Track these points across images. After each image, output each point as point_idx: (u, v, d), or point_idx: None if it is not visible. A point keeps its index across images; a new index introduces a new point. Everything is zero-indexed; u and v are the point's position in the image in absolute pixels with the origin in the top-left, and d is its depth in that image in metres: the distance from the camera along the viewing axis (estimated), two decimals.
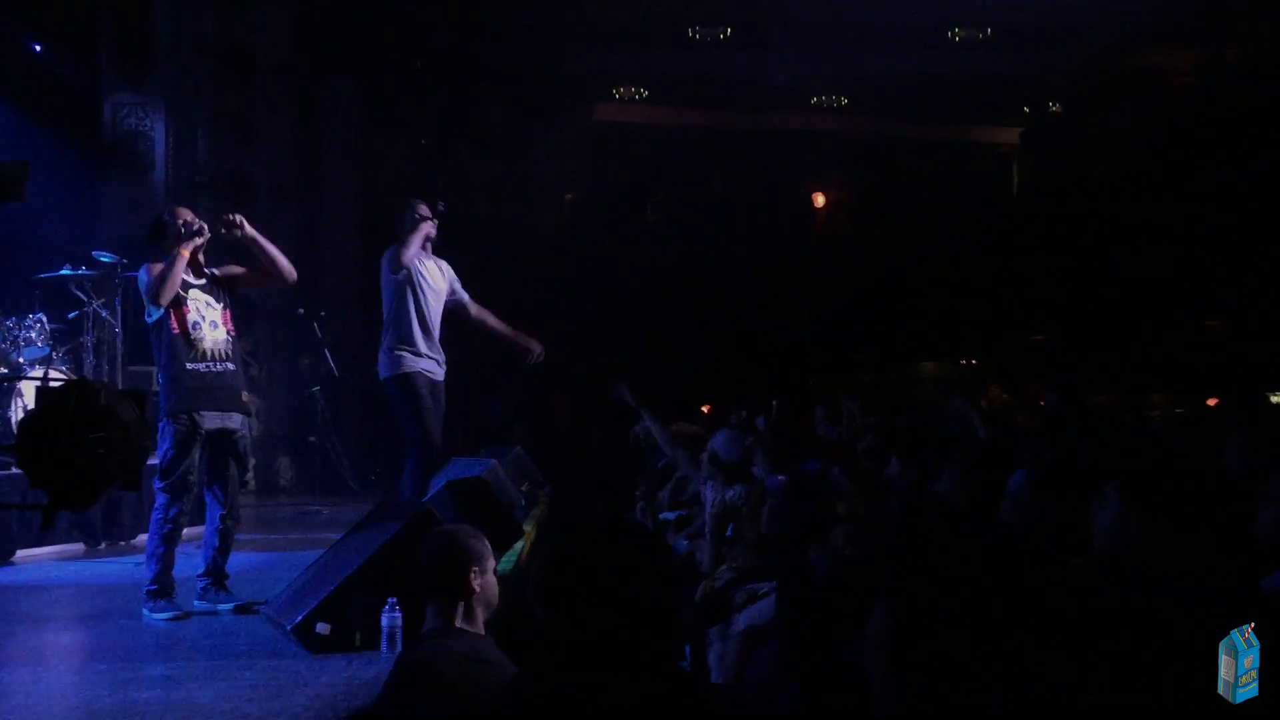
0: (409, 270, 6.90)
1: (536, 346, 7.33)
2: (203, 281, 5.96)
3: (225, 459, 5.85)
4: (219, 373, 5.80)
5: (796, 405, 8.67)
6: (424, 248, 6.97)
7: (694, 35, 16.55)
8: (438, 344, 7.01)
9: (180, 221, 5.94)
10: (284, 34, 12.24)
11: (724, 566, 5.30)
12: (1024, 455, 4.91)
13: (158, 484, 5.67)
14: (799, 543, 3.96)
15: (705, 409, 12.49)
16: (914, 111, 17.62)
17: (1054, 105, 17.96)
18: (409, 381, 6.81)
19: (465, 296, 7.29)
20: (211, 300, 5.93)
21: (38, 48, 10.99)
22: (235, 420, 5.85)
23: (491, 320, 7.34)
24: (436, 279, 7.06)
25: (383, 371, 6.89)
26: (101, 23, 11.09)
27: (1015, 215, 18.14)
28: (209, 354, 5.79)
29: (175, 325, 5.74)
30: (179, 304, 5.77)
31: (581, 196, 17.38)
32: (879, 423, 7.88)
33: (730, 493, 5.48)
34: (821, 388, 13.60)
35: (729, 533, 5.51)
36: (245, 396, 5.92)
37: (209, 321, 5.85)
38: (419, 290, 6.95)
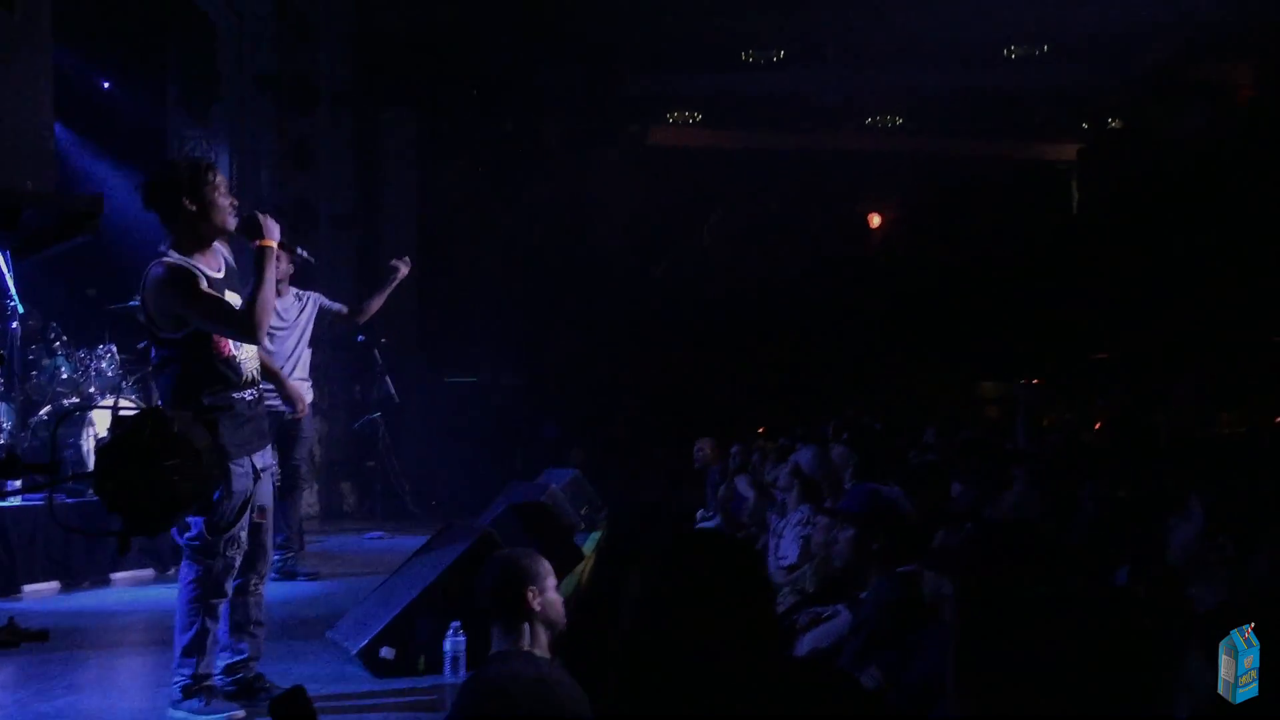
0: None
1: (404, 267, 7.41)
2: (223, 274, 4.51)
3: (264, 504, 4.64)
4: (260, 400, 4.61)
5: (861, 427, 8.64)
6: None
7: (747, 57, 16.57)
8: (291, 379, 6.82)
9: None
10: (344, 64, 12.43)
11: (785, 589, 5.27)
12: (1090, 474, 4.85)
13: (199, 544, 4.38)
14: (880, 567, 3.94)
15: (760, 430, 12.46)
16: (970, 129, 17.50)
17: (1113, 120, 17.75)
18: None
19: (340, 306, 7.54)
20: (240, 300, 4.47)
21: (106, 84, 11.27)
22: (270, 456, 4.73)
23: (376, 299, 7.45)
24: (291, 313, 7.22)
25: None
26: (167, 58, 11.35)
27: (1075, 232, 17.94)
28: (251, 379, 4.50)
29: (224, 345, 4.39)
30: None
31: (635, 219, 17.45)
32: (940, 443, 7.83)
33: (796, 514, 5.46)
34: (882, 408, 13.52)
35: (795, 558, 5.48)
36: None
37: None
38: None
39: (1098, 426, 11.41)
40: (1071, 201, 18.67)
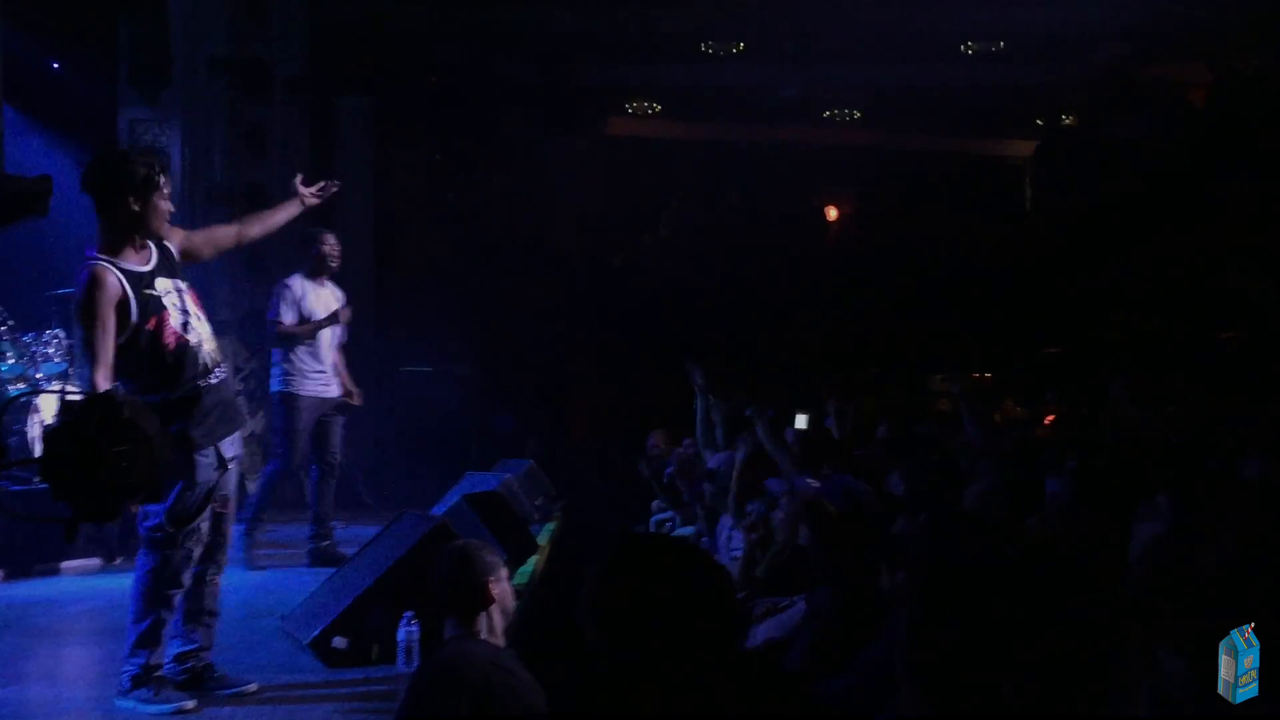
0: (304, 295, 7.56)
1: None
2: (153, 265, 4.35)
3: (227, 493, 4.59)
4: (224, 382, 4.53)
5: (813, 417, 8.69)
6: (320, 276, 7.64)
7: (707, 49, 16.52)
8: (329, 364, 7.62)
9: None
10: (299, 49, 12.28)
11: (736, 579, 5.27)
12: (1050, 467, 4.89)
13: (159, 534, 4.31)
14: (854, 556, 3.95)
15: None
16: (927, 124, 17.61)
17: (1068, 118, 17.91)
18: (293, 401, 7.41)
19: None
20: (180, 284, 4.42)
21: (55, 65, 11.06)
22: (238, 444, 4.67)
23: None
24: (328, 303, 7.64)
25: (273, 386, 7.54)
26: (118, 39, 11.15)
27: (1029, 228, 18.11)
28: (209, 363, 4.41)
29: (169, 339, 4.28)
30: (159, 307, 4.27)
31: (593, 209, 17.40)
32: (890, 436, 7.88)
33: (750, 507, 5.47)
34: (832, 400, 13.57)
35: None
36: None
37: (194, 316, 4.41)
38: (311, 315, 7.51)
39: (1048, 421, 11.51)
40: (1025, 197, 18.84)
